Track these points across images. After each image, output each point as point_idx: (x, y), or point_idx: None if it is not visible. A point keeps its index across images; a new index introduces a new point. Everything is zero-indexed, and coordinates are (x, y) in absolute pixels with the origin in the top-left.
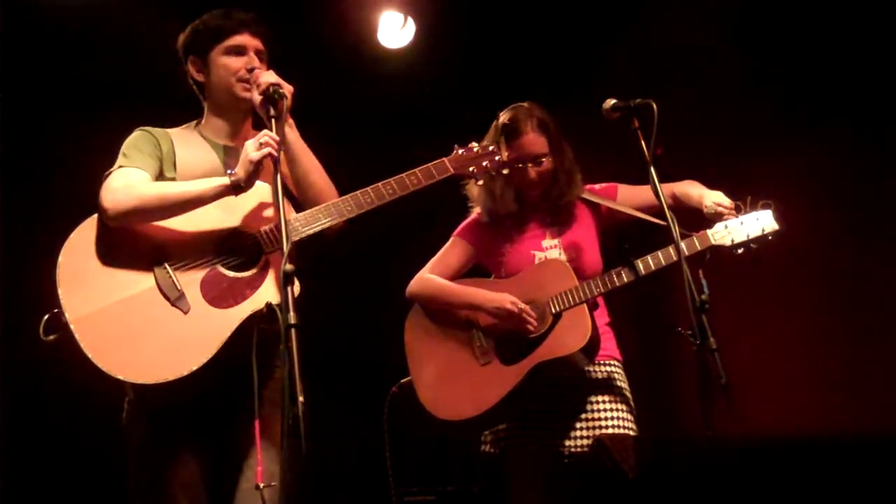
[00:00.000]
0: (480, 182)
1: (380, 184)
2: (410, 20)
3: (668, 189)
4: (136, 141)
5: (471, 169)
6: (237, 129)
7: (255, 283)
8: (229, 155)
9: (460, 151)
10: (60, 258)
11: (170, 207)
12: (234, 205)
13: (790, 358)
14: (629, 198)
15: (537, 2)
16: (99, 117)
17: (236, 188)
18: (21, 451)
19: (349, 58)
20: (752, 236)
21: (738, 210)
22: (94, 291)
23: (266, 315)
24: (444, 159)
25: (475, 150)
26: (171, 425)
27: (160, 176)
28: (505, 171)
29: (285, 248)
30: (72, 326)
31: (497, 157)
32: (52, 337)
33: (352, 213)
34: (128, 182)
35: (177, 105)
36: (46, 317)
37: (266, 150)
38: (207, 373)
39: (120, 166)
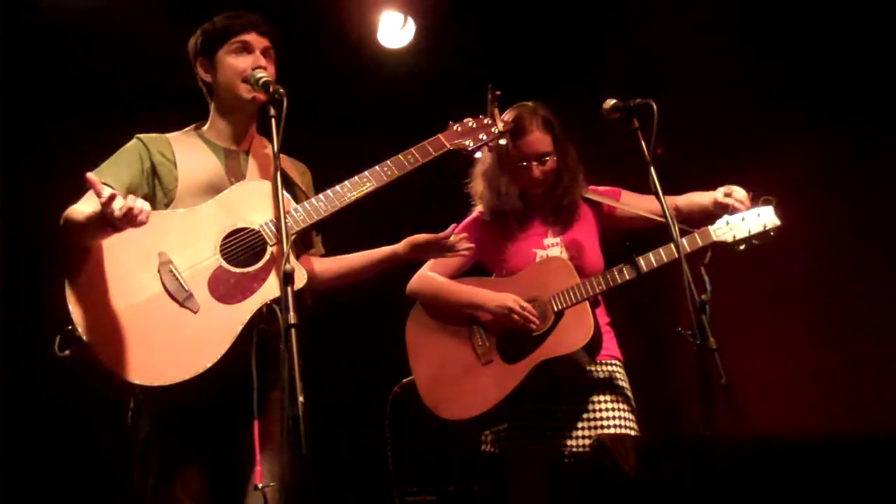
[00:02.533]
0: (478, 154)
1: (377, 166)
2: (410, 20)
3: (670, 201)
4: (121, 153)
5: (467, 143)
6: (242, 132)
7: (261, 277)
8: (230, 158)
9: (455, 126)
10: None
11: (78, 235)
12: (234, 202)
13: (790, 358)
14: (632, 204)
15: (537, 2)
16: (101, 121)
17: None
18: (24, 452)
19: (349, 58)
20: (753, 232)
21: None
22: (102, 301)
23: (266, 316)
24: (440, 135)
25: (470, 124)
26: (177, 427)
27: (151, 180)
28: (502, 142)
29: (285, 247)
30: (85, 338)
31: (493, 129)
32: (67, 352)
33: (353, 199)
34: (77, 208)
35: (177, 106)
36: (59, 334)
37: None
38: (215, 375)
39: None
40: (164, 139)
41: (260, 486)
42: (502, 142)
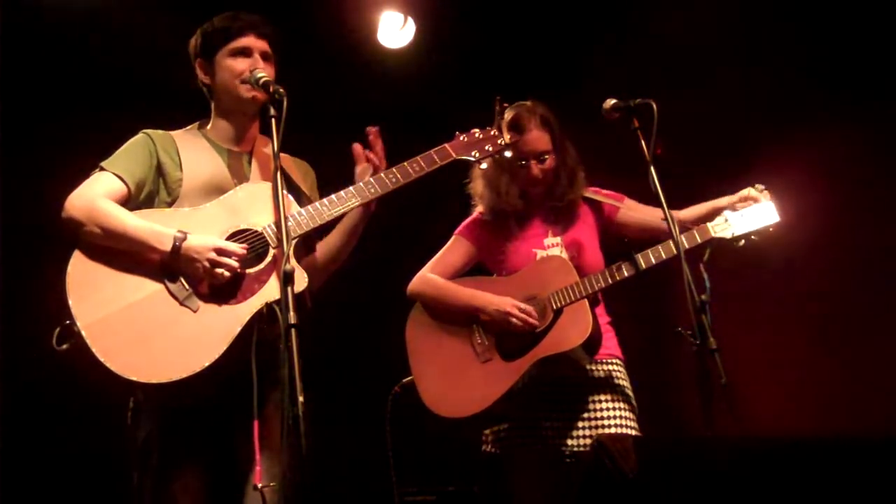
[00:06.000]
0: (483, 165)
1: (382, 173)
2: (410, 20)
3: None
4: (132, 146)
5: (473, 153)
6: (242, 133)
7: (262, 278)
8: (233, 159)
9: (462, 137)
10: (69, 268)
11: (112, 239)
12: (238, 203)
13: (790, 358)
14: (634, 210)
15: (537, 1)
16: (101, 119)
17: (174, 253)
18: (23, 451)
19: (349, 58)
20: (752, 228)
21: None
22: (103, 297)
23: (266, 315)
24: (446, 145)
25: (477, 134)
26: (177, 427)
27: (156, 178)
28: (508, 154)
29: (285, 247)
30: (83, 332)
31: (499, 141)
32: (64, 346)
33: (356, 204)
34: (97, 194)
35: (178, 106)
36: (58, 329)
37: (216, 273)
38: (214, 374)
39: (102, 168)
40: (169, 137)
41: (260, 486)
42: (507, 154)
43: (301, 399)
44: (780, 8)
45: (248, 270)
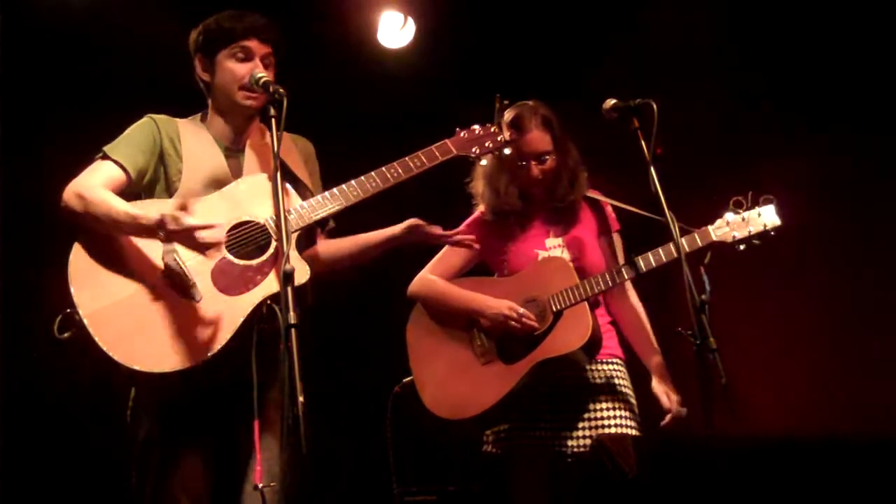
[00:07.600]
0: (483, 162)
1: (383, 168)
2: (410, 20)
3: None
4: (137, 131)
5: (473, 149)
6: (240, 133)
7: (265, 270)
8: (230, 157)
9: (462, 133)
10: (71, 257)
11: (107, 228)
12: (239, 195)
13: (790, 357)
14: (618, 245)
15: (537, 1)
16: (101, 117)
17: (160, 227)
18: (22, 450)
19: (349, 58)
20: (753, 232)
21: (739, 205)
22: (105, 287)
23: (266, 315)
24: (447, 140)
25: (477, 131)
26: (177, 423)
27: (158, 165)
28: (507, 151)
29: (285, 247)
30: (85, 321)
31: (499, 137)
32: (66, 335)
33: (358, 198)
34: (94, 184)
35: (178, 105)
36: (60, 316)
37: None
38: (215, 370)
39: (104, 153)
40: (173, 124)
41: (260, 485)
42: (507, 151)
43: (301, 399)
44: (780, 10)
45: (251, 262)
